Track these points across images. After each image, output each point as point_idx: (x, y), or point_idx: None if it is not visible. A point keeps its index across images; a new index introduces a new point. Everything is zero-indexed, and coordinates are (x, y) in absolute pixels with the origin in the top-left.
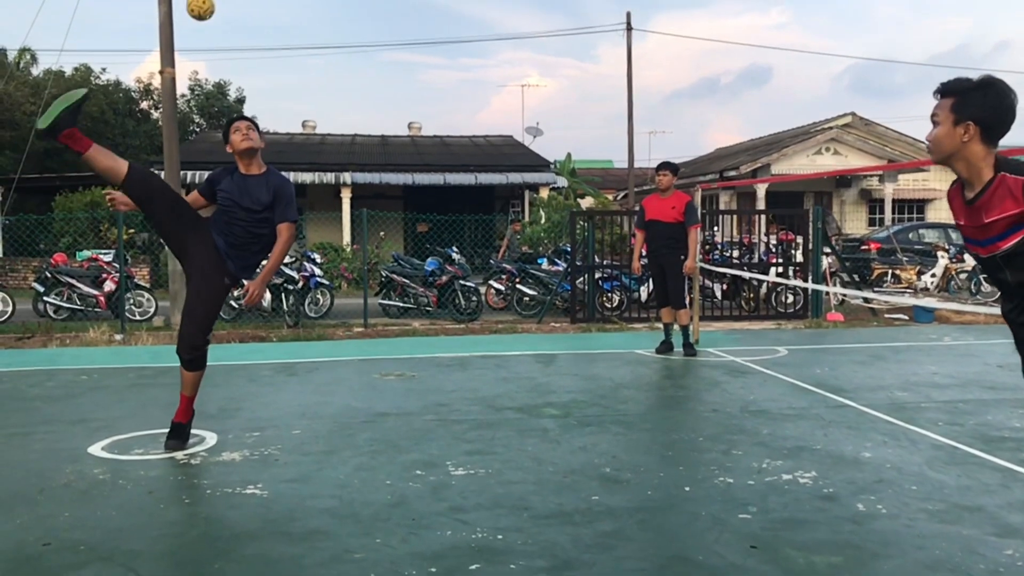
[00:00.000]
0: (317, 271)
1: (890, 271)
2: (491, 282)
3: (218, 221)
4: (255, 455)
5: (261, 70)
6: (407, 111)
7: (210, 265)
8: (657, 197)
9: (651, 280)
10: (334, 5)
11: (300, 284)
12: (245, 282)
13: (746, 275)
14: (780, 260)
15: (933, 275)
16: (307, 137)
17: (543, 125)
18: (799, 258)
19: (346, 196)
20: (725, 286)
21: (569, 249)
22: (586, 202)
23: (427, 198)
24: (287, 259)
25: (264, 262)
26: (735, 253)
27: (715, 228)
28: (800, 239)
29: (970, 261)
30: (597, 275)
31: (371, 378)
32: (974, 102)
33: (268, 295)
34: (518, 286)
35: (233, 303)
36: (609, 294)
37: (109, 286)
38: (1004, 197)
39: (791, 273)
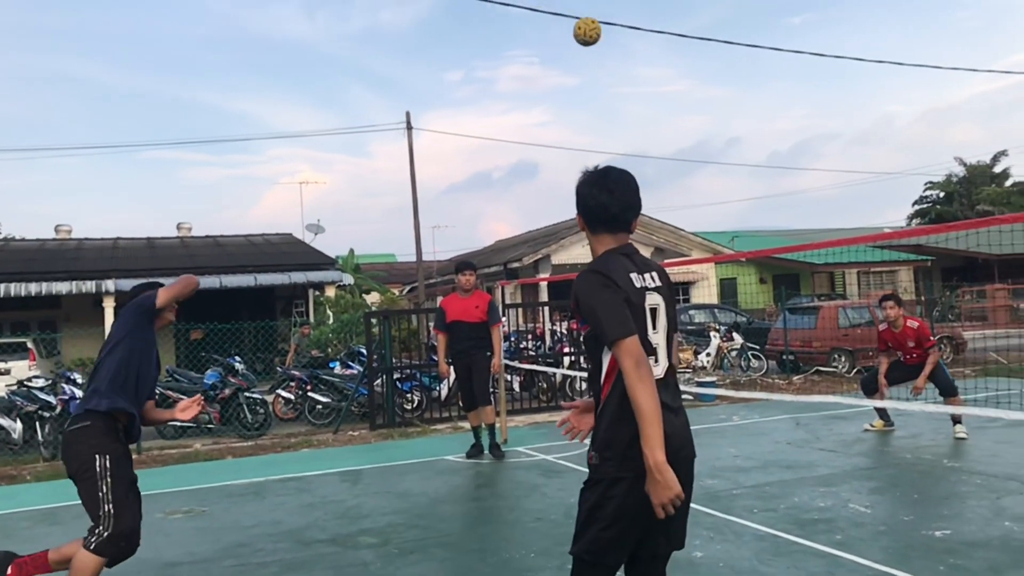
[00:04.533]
0: (78, 392)
1: None
2: (279, 391)
3: (135, 371)
4: None
5: (5, 171)
6: (174, 211)
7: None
8: (457, 297)
9: (456, 381)
10: (87, 102)
11: (58, 409)
12: None
13: (548, 370)
14: (572, 349)
15: (708, 354)
16: (61, 243)
17: (323, 221)
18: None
19: (109, 305)
20: (522, 377)
21: (363, 350)
22: (372, 298)
23: (201, 303)
24: (41, 382)
25: None
26: (529, 344)
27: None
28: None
29: (738, 339)
30: (395, 376)
31: (154, 518)
32: (576, 195)
33: (19, 424)
34: (310, 393)
35: None
36: (408, 395)
37: None
38: None
39: (582, 360)
